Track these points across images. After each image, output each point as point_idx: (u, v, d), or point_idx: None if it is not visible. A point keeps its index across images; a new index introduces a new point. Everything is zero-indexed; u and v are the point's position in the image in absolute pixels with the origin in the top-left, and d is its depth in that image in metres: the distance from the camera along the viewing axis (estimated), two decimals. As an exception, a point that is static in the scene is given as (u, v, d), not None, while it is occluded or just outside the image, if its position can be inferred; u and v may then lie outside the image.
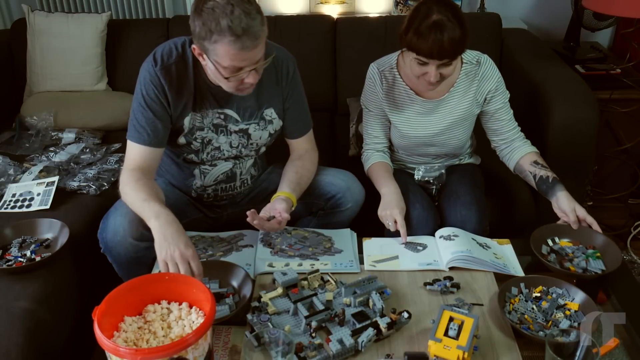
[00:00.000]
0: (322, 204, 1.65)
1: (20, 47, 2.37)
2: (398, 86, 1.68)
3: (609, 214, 2.51)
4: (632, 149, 2.36)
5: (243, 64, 1.32)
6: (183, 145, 1.54)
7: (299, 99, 1.63)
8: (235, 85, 1.39)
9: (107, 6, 2.81)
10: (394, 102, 1.69)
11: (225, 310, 1.24)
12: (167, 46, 1.47)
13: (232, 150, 1.59)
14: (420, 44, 1.44)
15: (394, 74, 1.67)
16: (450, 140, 1.73)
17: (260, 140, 1.61)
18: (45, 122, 2.23)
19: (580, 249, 1.45)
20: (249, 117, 1.56)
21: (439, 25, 1.42)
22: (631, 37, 2.36)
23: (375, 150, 1.76)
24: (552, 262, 1.39)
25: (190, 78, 1.46)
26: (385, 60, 1.70)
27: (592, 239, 1.47)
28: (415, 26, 1.44)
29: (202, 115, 1.51)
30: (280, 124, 1.62)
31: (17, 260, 1.47)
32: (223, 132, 1.55)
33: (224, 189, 1.67)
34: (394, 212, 1.54)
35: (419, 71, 1.52)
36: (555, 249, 1.46)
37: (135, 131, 1.45)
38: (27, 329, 1.33)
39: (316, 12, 2.76)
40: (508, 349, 1.16)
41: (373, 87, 1.70)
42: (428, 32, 1.42)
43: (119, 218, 1.43)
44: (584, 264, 1.38)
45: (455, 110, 1.68)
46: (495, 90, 1.66)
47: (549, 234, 1.50)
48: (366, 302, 1.28)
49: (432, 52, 1.44)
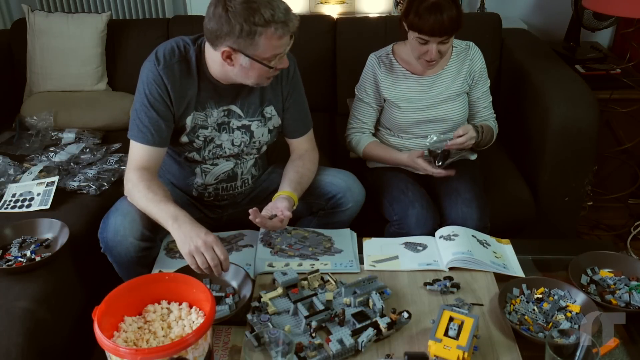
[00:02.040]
0: (323, 203, 1.66)
1: (20, 47, 2.37)
2: (395, 68, 1.81)
3: (609, 214, 2.52)
4: (632, 149, 2.36)
5: (281, 50, 1.37)
6: (185, 144, 1.54)
7: (299, 98, 1.64)
8: (270, 72, 1.41)
9: (107, 6, 2.82)
10: (392, 82, 1.80)
11: (225, 310, 1.24)
12: (168, 45, 1.47)
13: (234, 149, 1.59)
14: (422, 23, 1.59)
15: (391, 59, 1.82)
16: (448, 114, 1.80)
17: (262, 137, 1.60)
18: (45, 122, 2.23)
19: (622, 280, 1.35)
20: (252, 114, 1.56)
21: (438, 6, 1.57)
22: (631, 37, 2.36)
23: (362, 132, 1.87)
24: (592, 293, 1.30)
25: (193, 77, 1.46)
26: (382, 50, 1.86)
27: (636, 269, 1.37)
28: (415, 8, 1.60)
29: (206, 114, 1.51)
30: (278, 121, 1.62)
31: (17, 260, 1.47)
32: (225, 130, 1.55)
33: (225, 189, 1.67)
34: (420, 164, 1.70)
35: (420, 50, 1.67)
36: (595, 280, 1.36)
37: (139, 131, 1.45)
38: (27, 329, 1.33)
39: (316, 12, 2.76)
40: (508, 349, 1.16)
41: (371, 74, 1.82)
42: (428, 13, 1.57)
43: (120, 218, 1.43)
44: (627, 297, 1.28)
45: (451, 87, 1.79)
46: (480, 74, 1.81)
47: (589, 263, 1.40)
48: (366, 302, 1.28)
49: (434, 30, 1.59)
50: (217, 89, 1.49)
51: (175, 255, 1.47)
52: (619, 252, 1.44)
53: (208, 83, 1.48)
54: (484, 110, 1.85)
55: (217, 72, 1.45)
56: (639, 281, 1.35)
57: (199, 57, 1.46)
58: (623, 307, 1.26)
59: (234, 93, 1.51)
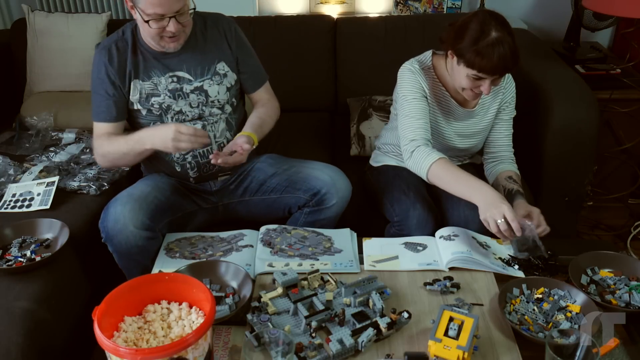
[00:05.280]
0: (308, 199, 1.68)
1: (20, 47, 2.37)
2: (435, 87, 1.66)
3: (609, 214, 2.52)
4: (632, 149, 2.36)
5: (162, 11, 1.48)
6: (146, 115, 1.65)
7: (249, 51, 1.77)
8: (158, 32, 1.53)
9: (107, 6, 2.82)
10: (432, 99, 1.66)
11: (225, 310, 1.24)
12: (113, 34, 1.66)
13: (195, 110, 1.67)
14: (485, 63, 1.44)
15: (432, 76, 1.66)
16: (470, 147, 1.75)
17: (219, 95, 1.68)
18: (45, 122, 2.23)
19: (622, 280, 1.35)
20: (201, 74, 1.66)
21: (500, 42, 1.43)
22: (631, 37, 2.36)
23: (427, 141, 1.58)
24: (592, 293, 1.30)
25: (129, 50, 1.62)
26: (422, 60, 1.68)
27: (636, 269, 1.37)
28: (472, 43, 1.45)
29: (154, 82, 1.63)
30: (234, 77, 1.72)
31: (17, 260, 1.47)
32: (181, 96, 1.65)
33: (202, 155, 1.69)
34: (502, 209, 1.38)
35: (471, 85, 1.53)
36: (595, 280, 1.35)
37: (94, 112, 1.65)
38: (27, 329, 1.33)
39: (316, 12, 2.76)
40: (508, 349, 1.16)
41: (416, 79, 1.63)
42: (492, 50, 1.43)
43: (120, 207, 1.49)
44: (627, 297, 1.28)
45: (482, 121, 1.70)
46: (509, 103, 1.70)
47: (589, 263, 1.39)
48: (366, 302, 1.28)
49: (497, 68, 1.46)
50: (156, 57, 1.63)
51: (175, 255, 1.47)
52: (619, 252, 1.44)
53: (146, 53, 1.63)
54: (503, 140, 1.71)
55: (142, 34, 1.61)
56: (639, 281, 1.34)
57: (134, 32, 1.64)
58: (623, 307, 1.25)
59: (174, 59, 1.63)
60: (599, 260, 1.40)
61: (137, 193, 1.56)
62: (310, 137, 2.27)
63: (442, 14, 2.65)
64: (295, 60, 2.38)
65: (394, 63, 1.72)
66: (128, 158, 1.62)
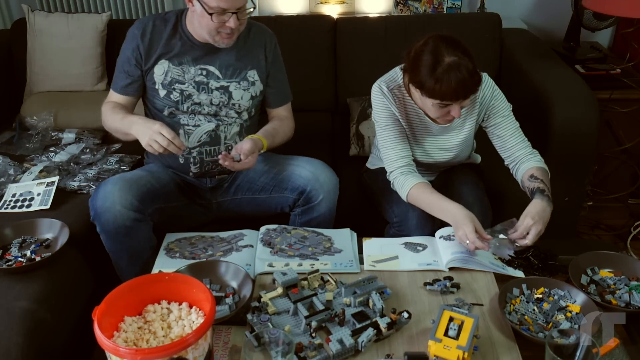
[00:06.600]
0: (296, 198, 1.69)
1: (20, 47, 2.37)
2: (408, 106, 1.62)
3: (609, 214, 2.52)
4: (632, 149, 2.36)
5: (226, 5, 1.49)
6: (163, 97, 1.65)
7: (282, 69, 1.78)
8: (217, 27, 1.54)
9: (107, 6, 2.82)
10: (404, 120, 1.63)
11: (225, 310, 1.24)
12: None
13: (213, 107, 1.67)
14: (444, 89, 1.39)
15: (403, 93, 1.61)
16: (451, 159, 1.72)
17: (241, 100, 1.69)
18: (45, 122, 2.23)
19: (622, 280, 1.34)
20: (230, 75, 1.67)
21: (456, 65, 1.37)
22: (631, 37, 2.36)
23: (405, 170, 1.59)
24: (592, 293, 1.29)
25: (168, 30, 1.64)
26: (391, 78, 1.63)
27: (636, 269, 1.37)
28: (428, 73, 1.40)
29: (183, 69, 1.64)
30: (261, 88, 1.73)
31: (17, 260, 1.47)
32: (204, 90, 1.66)
33: (208, 153, 1.69)
34: (466, 229, 1.39)
35: (440, 112, 1.50)
36: (595, 280, 1.35)
37: (114, 81, 1.70)
38: (27, 329, 1.33)
39: (316, 12, 2.76)
40: (508, 349, 1.16)
41: (386, 104, 1.60)
42: (448, 77, 1.37)
43: (110, 186, 1.52)
44: (627, 297, 1.28)
45: (460, 134, 1.66)
46: (494, 105, 1.60)
47: (589, 263, 1.39)
48: (366, 302, 1.28)
49: (459, 93, 1.40)
50: (193, 46, 1.64)
51: (175, 255, 1.47)
52: (619, 252, 1.44)
53: (185, 38, 1.64)
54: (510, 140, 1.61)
55: (190, 26, 1.62)
56: (639, 281, 1.34)
57: (179, 16, 1.66)
58: (623, 307, 1.26)
59: (210, 52, 1.64)
60: (599, 260, 1.40)
61: (129, 176, 1.61)
62: (310, 137, 2.26)
63: (442, 14, 2.65)
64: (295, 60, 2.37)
65: (394, 63, 1.72)
66: (118, 134, 1.66)
